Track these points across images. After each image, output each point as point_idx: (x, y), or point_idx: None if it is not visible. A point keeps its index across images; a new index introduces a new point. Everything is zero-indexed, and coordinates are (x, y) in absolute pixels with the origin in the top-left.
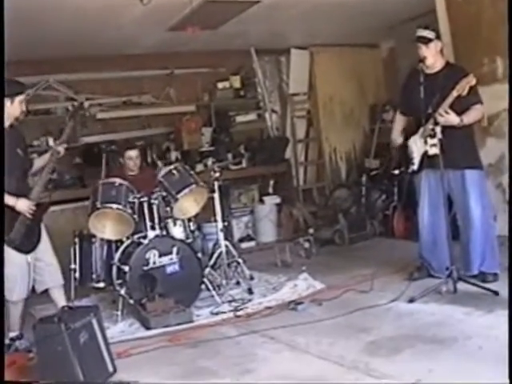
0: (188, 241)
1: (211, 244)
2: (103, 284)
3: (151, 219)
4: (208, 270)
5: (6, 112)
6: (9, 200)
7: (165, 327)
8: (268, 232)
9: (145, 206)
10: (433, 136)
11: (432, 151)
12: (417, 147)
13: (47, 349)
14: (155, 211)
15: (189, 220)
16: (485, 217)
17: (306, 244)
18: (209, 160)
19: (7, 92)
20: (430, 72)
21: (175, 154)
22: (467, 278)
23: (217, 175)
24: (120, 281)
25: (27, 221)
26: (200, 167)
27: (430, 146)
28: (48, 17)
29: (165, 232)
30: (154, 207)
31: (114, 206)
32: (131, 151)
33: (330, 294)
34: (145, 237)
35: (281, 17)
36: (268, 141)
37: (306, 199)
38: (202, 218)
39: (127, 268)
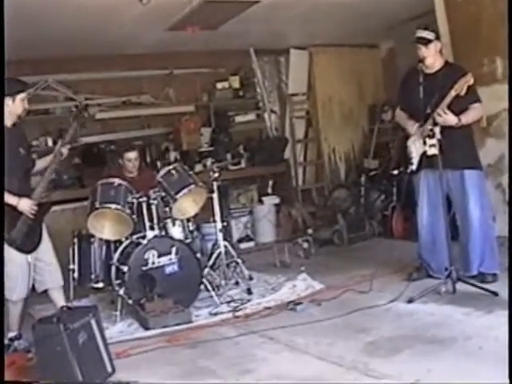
0: (187, 241)
1: (210, 244)
2: (102, 284)
3: (150, 219)
4: (207, 271)
5: (8, 111)
6: (11, 199)
7: (164, 327)
8: (267, 232)
9: (144, 206)
10: (432, 136)
11: (431, 151)
12: (416, 147)
13: (46, 349)
14: (154, 211)
15: (188, 220)
16: (484, 217)
17: (305, 244)
18: (208, 160)
19: (8, 91)
20: (430, 72)
21: (174, 155)
22: (466, 279)
23: (216, 175)
24: (119, 281)
25: (29, 221)
26: (199, 167)
27: (429, 147)
28: (47, 16)
29: (164, 232)
30: (153, 207)
31: (113, 206)
32: (130, 153)
33: (329, 295)
34: (144, 237)
35: (280, 17)
36: (267, 141)
37: (305, 199)
38: (201, 219)
39: (126, 268)
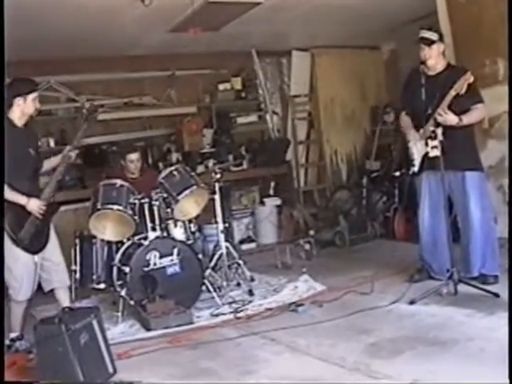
0: (189, 242)
1: (212, 245)
2: (104, 285)
3: (152, 220)
4: (208, 272)
5: (20, 110)
6: (20, 199)
7: (165, 328)
8: (268, 234)
9: (145, 208)
10: (433, 138)
11: (433, 153)
12: (417, 149)
13: (48, 350)
14: (156, 212)
15: (189, 221)
16: (485, 219)
17: (307, 246)
18: (210, 161)
19: (20, 91)
20: (431, 73)
21: (176, 156)
22: (468, 280)
23: (217, 177)
24: (120, 282)
25: (37, 221)
26: (201, 169)
27: (431, 148)
28: (49, 17)
29: (165, 233)
30: (155, 208)
31: (115, 207)
32: (132, 154)
33: (331, 296)
34: (145, 238)
35: (282, 18)
36: (269, 142)
37: (307, 201)
38: (203, 220)
39: (128, 269)
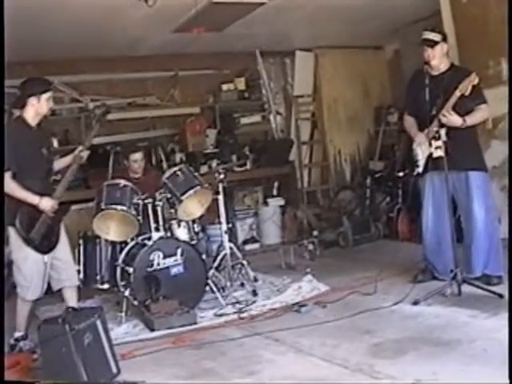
0: (192, 242)
1: (215, 246)
2: (107, 285)
3: (155, 221)
4: (212, 272)
5: (34, 110)
6: (32, 199)
7: (169, 329)
8: (272, 234)
9: (149, 208)
10: (437, 138)
11: (437, 153)
12: (421, 150)
13: (51, 350)
14: (159, 213)
15: (193, 222)
16: (489, 219)
17: (310, 246)
18: (213, 162)
19: (33, 90)
20: (435, 74)
21: (180, 156)
22: (472, 281)
23: (221, 177)
24: (124, 282)
25: (48, 221)
26: (204, 169)
27: (435, 149)
28: (53, 17)
29: (169, 234)
30: (159, 209)
31: (119, 208)
32: (136, 154)
33: (334, 296)
34: (149, 238)
35: (286, 19)
36: (272, 143)
37: (310, 201)
38: (207, 220)
39: (131, 269)
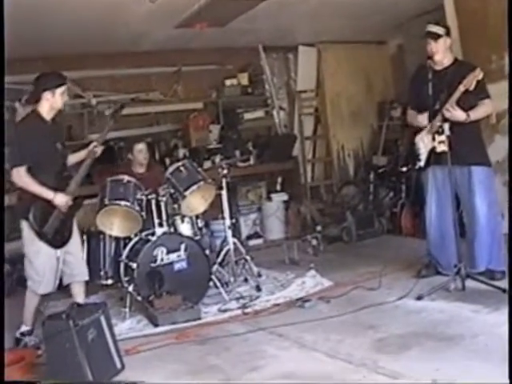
0: (196, 238)
1: (219, 241)
2: (111, 281)
3: (159, 216)
4: (216, 267)
5: (49, 105)
6: (46, 194)
7: (172, 324)
8: (276, 229)
9: (153, 203)
10: (441, 133)
11: (440, 148)
12: (424, 144)
13: (55, 345)
14: (163, 208)
15: (196, 217)
16: (491, 214)
17: (314, 241)
18: (216, 157)
19: (48, 85)
20: (439, 68)
21: (183, 151)
22: (475, 276)
23: (224, 172)
24: (128, 278)
25: (61, 215)
26: (208, 164)
27: (438, 143)
28: (55, 13)
29: (172, 229)
30: (162, 204)
31: (122, 203)
32: (140, 144)
33: (338, 292)
34: (153, 234)
35: (289, 14)
36: (276, 138)
37: (314, 196)
38: (210, 215)
39: (135, 265)
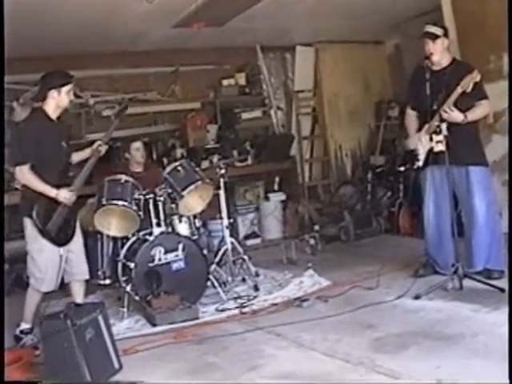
0: (193, 238)
1: (217, 241)
2: (109, 281)
3: (157, 216)
4: (213, 267)
5: (55, 103)
6: (50, 191)
7: (170, 324)
8: (273, 229)
9: (150, 203)
10: (438, 133)
11: (438, 148)
12: (422, 144)
13: (53, 345)
14: (161, 208)
15: (194, 217)
16: (490, 213)
17: (312, 241)
18: (214, 157)
19: (54, 83)
20: (437, 69)
21: (181, 151)
22: (473, 275)
23: (222, 172)
24: (126, 277)
25: (64, 213)
26: (205, 164)
27: (436, 143)
28: (52, 13)
29: (170, 229)
30: (160, 204)
31: (120, 203)
32: (137, 142)
33: (336, 291)
34: (150, 233)
35: (286, 13)
36: (273, 138)
37: (312, 196)
38: (208, 215)
39: (133, 265)
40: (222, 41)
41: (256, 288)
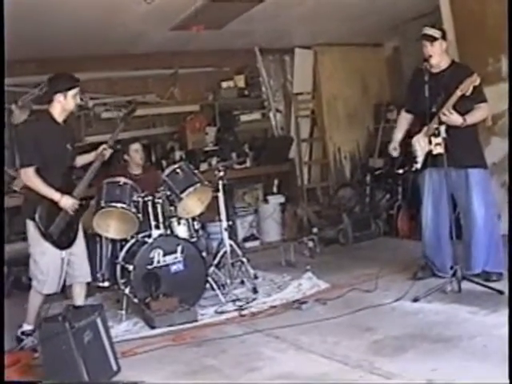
0: (192, 240)
1: (215, 243)
2: (108, 283)
3: (155, 218)
4: (212, 270)
5: (61, 107)
6: (53, 195)
7: (169, 326)
8: (272, 231)
9: (149, 205)
10: (437, 135)
11: (436, 150)
12: (420, 146)
13: (52, 348)
14: (159, 210)
15: (193, 219)
16: (488, 216)
17: (311, 243)
18: (213, 159)
19: (60, 87)
20: (435, 71)
21: (179, 154)
22: (472, 277)
23: (221, 174)
24: (124, 280)
25: (67, 217)
26: (204, 166)
27: (435, 145)
28: (51, 15)
29: (169, 231)
30: (159, 206)
31: (119, 205)
32: (135, 144)
33: (335, 293)
34: (149, 236)
35: (285, 16)
36: (272, 140)
37: (310, 199)
38: (207, 218)
39: (131, 267)
40: (221, 43)
41: (255, 290)
